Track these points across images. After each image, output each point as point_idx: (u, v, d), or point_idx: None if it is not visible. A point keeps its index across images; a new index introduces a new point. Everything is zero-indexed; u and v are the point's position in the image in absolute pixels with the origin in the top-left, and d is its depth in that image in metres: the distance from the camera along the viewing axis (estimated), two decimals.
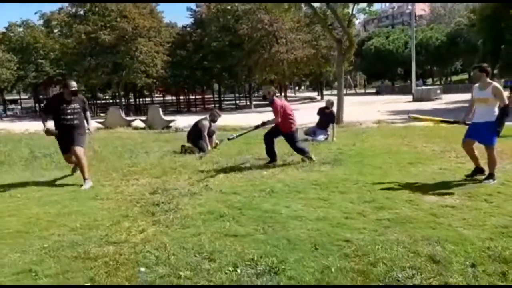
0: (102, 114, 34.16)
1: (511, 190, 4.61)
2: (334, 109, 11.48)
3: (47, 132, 6.01)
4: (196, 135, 8.44)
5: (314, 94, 59.66)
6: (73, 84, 5.96)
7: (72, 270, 3.01)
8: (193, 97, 53.77)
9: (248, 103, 46.27)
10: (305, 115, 13.62)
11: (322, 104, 10.70)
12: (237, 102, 53.70)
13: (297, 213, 4.02)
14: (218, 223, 3.84)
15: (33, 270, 3.02)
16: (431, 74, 61.28)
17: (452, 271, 2.67)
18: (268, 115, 6.68)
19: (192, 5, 44.59)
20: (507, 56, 22.98)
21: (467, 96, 25.56)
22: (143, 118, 16.97)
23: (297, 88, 77.90)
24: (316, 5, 17.78)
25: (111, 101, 51.63)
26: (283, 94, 39.67)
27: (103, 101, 55.43)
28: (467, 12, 37.86)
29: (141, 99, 52.71)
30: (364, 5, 15.60)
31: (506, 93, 5.55)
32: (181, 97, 52.71)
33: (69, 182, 6.05)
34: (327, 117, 9.57)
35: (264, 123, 6.94)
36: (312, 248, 3.15)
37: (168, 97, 59.39)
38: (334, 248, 3.13)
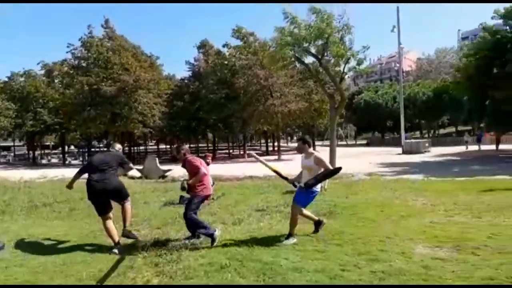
0: None
1: (497, 244, 4.84)
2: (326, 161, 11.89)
3: None
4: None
5: None
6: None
7: None
8: (187, 145, 54.33)
9: (241, 153, 46.92)
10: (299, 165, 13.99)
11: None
12: (231, 151, 54.29)
13: (296, 265, 4.21)
14: (220, 275, 4.01)
15: None
16: (419, 127, 63.01)
17: None
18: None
19: (191, 59, 46.61)
20: (491, 113, 24.01)
21: (454, 149, 26.35)
22: (139, 167, 17.16)
23: (289, 138, 79.25)
24: (309, 62, 18.82)
25: (105, 149, 51.89)
26: (276, 143, 40.35)
27: (97, 149, 55.68)
28: (452, 70, 39.85)
29: (135, 147, 53.11)
30: (354, 63, 16.48)
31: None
32: (175, 146, 53.17)
33: (71, 232, 6.18)
34: None
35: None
36: None
37: (162, 146, 59.97)
38: None
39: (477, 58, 24.28)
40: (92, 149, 49.17)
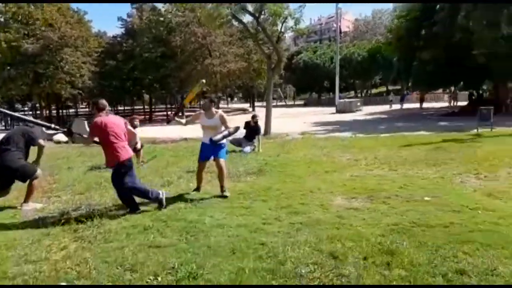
0: None
1: (407, 193, 5.29)
2: (262, 121, 12.13)
3: None
4: None
5: (246, 105, 60.78)
6: None
7: None
8: (122, 108, 51.99)
9: (180, 115, 45.93)
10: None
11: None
12: (169, 113, 52.97)
13: (220, 222, 4.29)
14: (142, 236, 3.97)
15: None
16: (354, 87, 65.64)
17: (346, 264, 3.10)
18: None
19: (123, 15, 43.69)
20: (417, 73, 25.49)
21: (384, 108, 27.90)
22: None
23: (229, 99, 78.94)
24: (247, 21, 18.47)
25: (30, 112, 48.09)
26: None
27: (21, 113, 51.39)
28: (385, 31, 41.32)
29: (64, 111, 49.76)
30: (291, 23, 16.50)
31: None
32: (109, 108, 50.69)
33: None
34: (253, 130, 10.05)
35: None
36: (230, 253, 3.43)
37: None
38: (250, 251, 3.44)
39: (407, 19, 25.18)
40: (15, 113, 45.35)
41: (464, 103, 27.86)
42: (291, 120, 24.74)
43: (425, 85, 27.22)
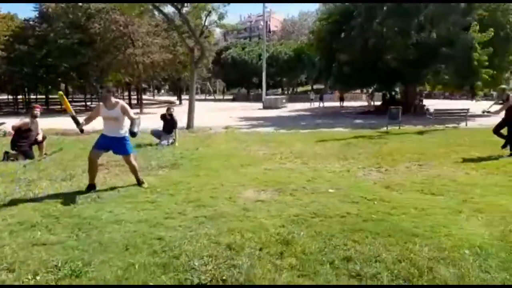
0: None
1: (313, 186, 5.49)
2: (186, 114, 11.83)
3: None
4: (20, 141, 7.67)
5: (173, 98, 59.35)
6: None
7: None
8: (34, 96, 47.66)
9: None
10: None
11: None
12: (88, 103, 49.72)
13: (119, 217, 4.05)
14: (28, 233, 3.61)
15: None
16: (281, 85, 67.40)
17: (242, 255, 3.09)
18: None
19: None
20: (336, 74, 26.80)
21: (307, 105, 28.79)
22: None
23: (156, 91, 76.56)
24: (169, 12, 17.92)
25: None
26: (138, 96, 38.42)
27: None
28: (308, 32, 42.82)
29: None
30: (215, 17, 16.32)
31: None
32: (20, 97, 46.14)
33: None
34: (170, 123, 9.79)
35: None
36: (123, 249, 3.24)
37: (4, 96, 51.52)
38: (145, 246, 3.29)
39: (329, 22, 26.34)
40: None
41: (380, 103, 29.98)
42: (218, 114, 24.62)
43: (343, 85, 28.70)
